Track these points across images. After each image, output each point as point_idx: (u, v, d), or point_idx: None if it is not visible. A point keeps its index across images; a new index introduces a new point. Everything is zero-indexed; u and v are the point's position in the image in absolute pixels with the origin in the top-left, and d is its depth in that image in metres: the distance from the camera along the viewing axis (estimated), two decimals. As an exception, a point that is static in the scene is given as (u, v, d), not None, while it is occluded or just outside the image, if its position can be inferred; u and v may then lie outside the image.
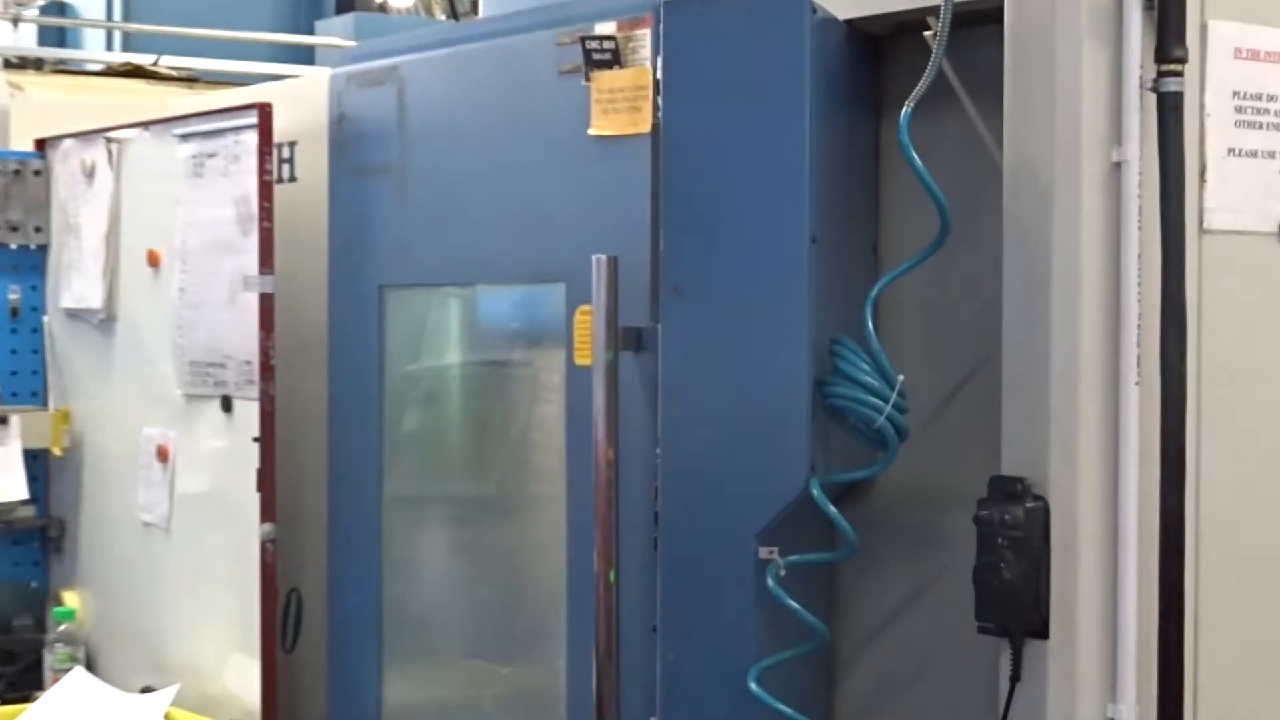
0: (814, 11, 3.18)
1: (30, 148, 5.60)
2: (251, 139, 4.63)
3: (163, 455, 5.06)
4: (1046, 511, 3.02)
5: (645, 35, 3.68)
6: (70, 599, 5.43)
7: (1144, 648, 3.01)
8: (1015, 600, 3.02)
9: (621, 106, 3.76)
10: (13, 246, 5.51)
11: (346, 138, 4.57)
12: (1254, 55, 3.14)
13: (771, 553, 3.16)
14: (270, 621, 4.65)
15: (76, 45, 7.64)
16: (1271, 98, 3.16)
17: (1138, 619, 3.01)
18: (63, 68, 7.11)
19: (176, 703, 4.84)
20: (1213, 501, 3.10)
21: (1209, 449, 3.09)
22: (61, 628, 5.32)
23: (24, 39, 7.73)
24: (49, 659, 5.28)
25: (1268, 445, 3.20)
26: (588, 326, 3.68)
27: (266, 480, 4.61)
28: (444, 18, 9.07)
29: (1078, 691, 3.02)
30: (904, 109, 3.11)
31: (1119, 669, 3.01)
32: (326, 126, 4.62)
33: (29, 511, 5.45)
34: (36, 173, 5.54)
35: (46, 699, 4.94)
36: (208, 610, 4.93)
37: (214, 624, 4.91)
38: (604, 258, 3.61)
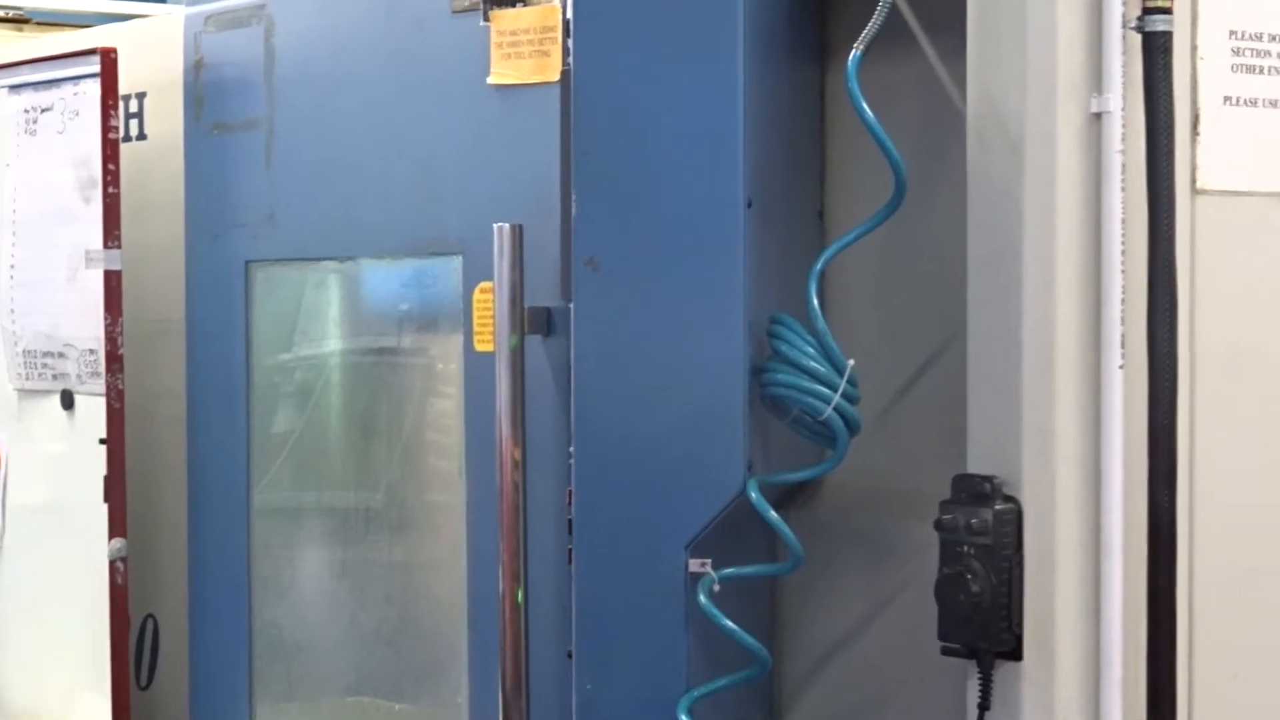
0: (748, -60, 3.20)
1: None
2: (94, 89, 4.62)
3: (-9, 461, 5.05)
4: (1019, 515, 3.03)
5: (552, -32, 3.71)
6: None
7: (1130, 670, 3.03)
8: (984, 617, 3.02)
9: (526, 51, 3.76)
10: None
11: (205, 88, 4.56)
12: (1250, -9, 3.18)
13: (704, 565, 3.16)
14: (122, 653, 4.63)
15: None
16: (1274, 38, 3.19)
17: (1123, 637, 3.02)
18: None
19: (13, 750, 4.86)
20: (1209, 502, 3.12)
21: (1204, 442, 3.11)
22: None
23: None
24: None
25: (1273, 437, 3.23)
26: (489, 306, 3.68)
27: (115, 489, 4.60)
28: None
29: (1058, 710, 3.03)
30: (853, 52, 3.11)
31: (1102, 695, 3.02)
32: (182, 75, 4.61)
33: None
34: None
35: None
36: (48, 641, 4.91)
37: (56, 658, 4.89)
38: (506, 226, 3.61)
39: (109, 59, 4.60)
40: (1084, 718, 3.04)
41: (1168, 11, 3.00)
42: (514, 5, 3.76)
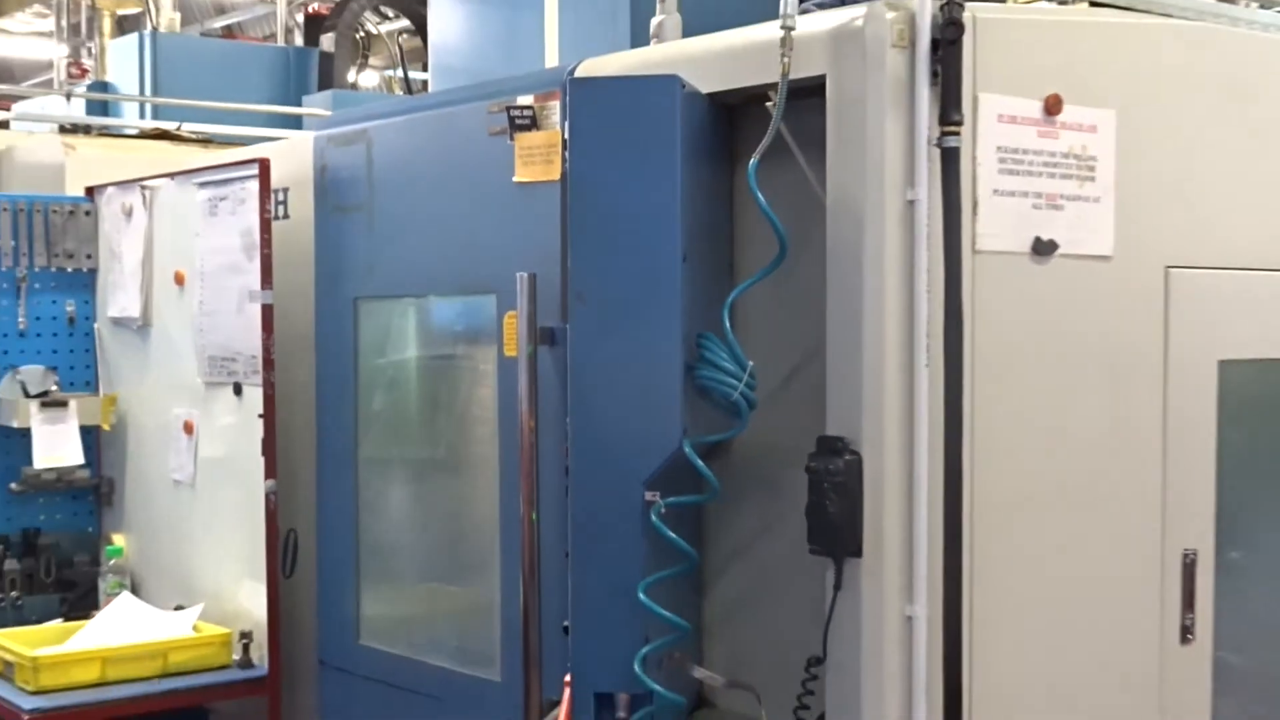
0: (683, 87, 3.17)
1: (81, 194, 5.57)
2: (254, 186, 4.59)
3: (188, 429, 5.02)
4: (860, 463, 3.02)
5: (555, 105, 3.68)
6: (118, 540, 5.38)
7: (933, 563, 3.03)
8: (837, 530, 3.02)
9: (538, 159, 3.75)
10: (69, 270, 5.48)
11: (327, 184, 4.53)
12: (1012, 120, 3.16)
13: (654, 496, 3.14)
14: (274, 554, 4.62)
15: (116, 114, 7.50)
16: (1024, 151, 3.18)
17: (928, 540, 3.02)
18: (106, 132, 6.99)
19: (202, 618, 4.82)
20: (985, 455, 3.12)
21: (981, 416, 3.10)
22: (112, 562, 5.30)
23: (75, 110, 7.60)
24: (102, 586, 5.25)
25: (1024, 413, 3.22)
26: (513, 327, 3.66)
27: (269, 447, 4.58)
28: (401, 93, 9.00)
29: (884, 597, 3.03)
30: (752, 160, 3.11)
31: (915, 579, 3.02)
32: (312, 176, 4.59)
33: (85, 474, 5.39)
34: (87, 213, 5.50)
35: (101, 617, 4.91)
36: (225, 547, 4.89)
37: (230, 557, 4.86)
38: (525, 274, 3.59)
39: (265, 167, 4.57)
40: (902, 593, 3.03)
41: (957, 134, 3.01)
42: (530, 130, 3.74)
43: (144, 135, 6.88)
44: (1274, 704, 3.79)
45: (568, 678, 3.25)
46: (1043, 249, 3.20)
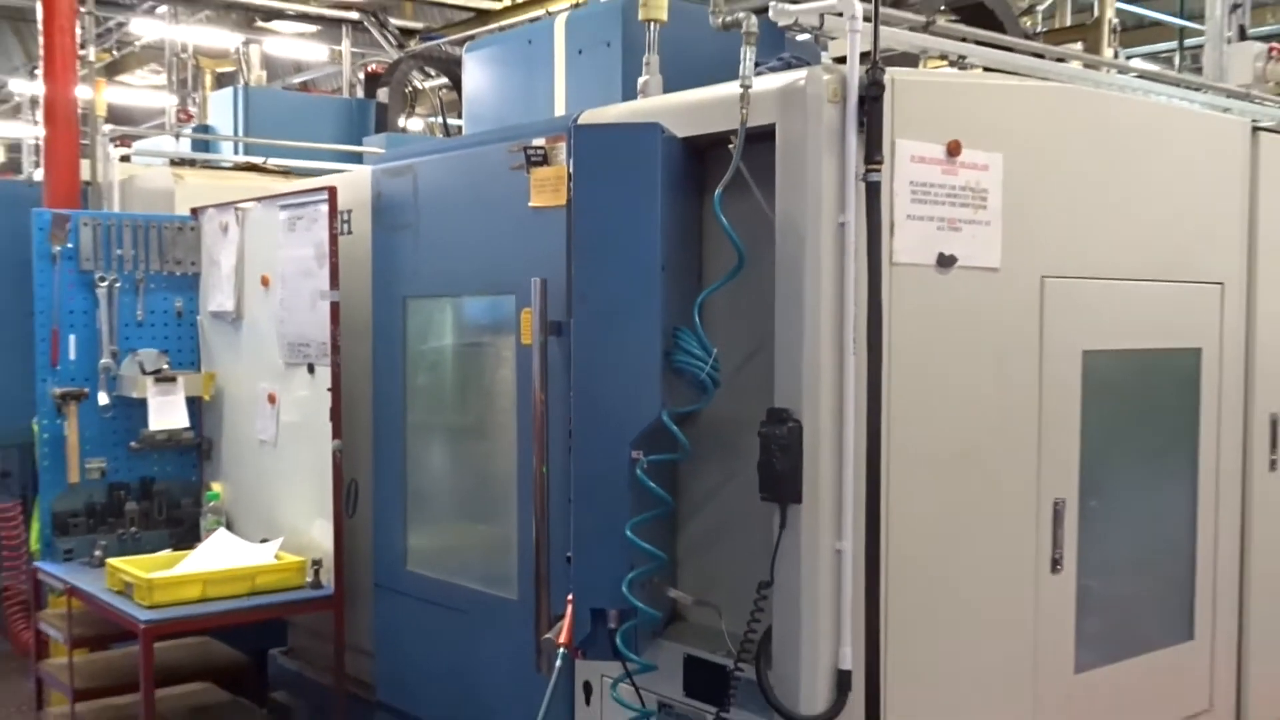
0: (663, 133, 3.16)
1: (188, 214, 5.55)
2: (324, 208, 4.58)
3: (271, 400, 5.01)
4: (800, 429, 3.02)
5: (562, 146, 3.68)
6: (215, 487, 5.38)
7: (857, 508, 3.04)
8: (782, 481, 3.02)
9: (549, 188, 3.75)
10: (178, 274, 5.47)
11: (382, 207, 4.52)
12: (921, 160, 3.16)
13: (639, 455, 3.13)
14: (339, 499, 4.63)
15: (215, 151, 7.48)
16: (930, 185, 3.18)
17: (854, 491, 3.03)
18: (207, 165, 6.96)
19: (282, 549, 4.82)
20: (898, 423, 3.12)
21: (895, 393, 3.10)
22: (210, 504, 5.30)
23: (183, 147, 7.57)
24: (203, 524, 5.25)
25: (930, 391, 3.22)
26: (529, 321, 3.67)
27: (335, 414, 4.58)
28: (441, 135, 8.97)
29: (819, 534, 3.03)
30: (716, 190, 3.12)
31: (843, 520, 3.03)
32: (370, 201, 4.57)
33: (189, 434, 5.39)
34: (192, 229, 5.48)
35: (202, 548, 4.91)
36: (300, 492, 4.89)
37: (304, 500, 4.86)
38: (539, 279, 3.60)
39: (333, 193, 4.57)
40: (832, 531, 3.04)
41: (879, 171, 3.01)
42: (542, 165, 3.74)
43: (237, 167, 6.85)
44: (1122, 617, 3.82)
45: (570, 597, 3.25)
46: (945, 262, 3.20)
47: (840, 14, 3.08)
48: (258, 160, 6.84)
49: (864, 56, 3.02)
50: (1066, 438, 3.52)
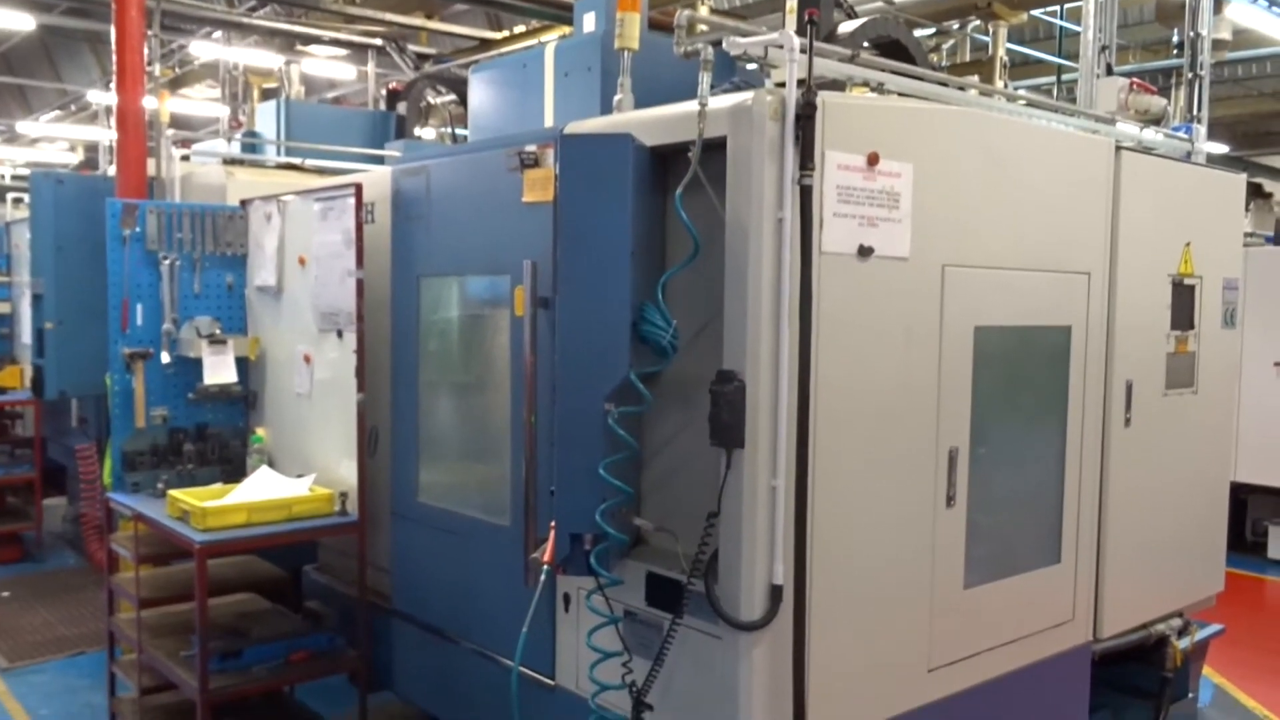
0: (633, 142, 3.15)
1: (237, 205, 5.45)
2: (351, 202, 4.52)
3: (307, 360, 4.97)
4: (744, 388, 3.02)
5: (550, 152, 3.65)
6: (260, 432, 5.32)
7: (789, 453, 3.04)
8: (729, 430, 3.03)
9: (539, 187, 3.72)
10: (229, 255, 5.38)
11: (400, 201, 4.47)
12: (846, 168, 3.15)
13: (610, 407, 3.14)
14: (362, 442, 4.59)
15: (261, 152, 7.38)
16: (853, 188, 3.17)
17: (786, 439, 3.03)
18: (254, 164, 6.87)
19: (315, 483, 4.79)
20: (824, 385, 3.12)
21: (822, 360, 3.11)
22: (255, 446, 5.24)
23: (233, 149, 7.47)
24: (249, 462, 5.20)
25: (850, 358, 3.22)
26: (521, 296, 3.64)
27: (360, 372, 4.54)
28: (450, 142, 8.89)
29: (758, 473, 3.04)
30: (677, 190, 3.10)
31: (777, 461, 3.03)
32: (390, 195, 4.52)
33: (238, 388, 5.32)
34: (241, 217, 5.39)
35: (248, 482, 4.87)
36: (330, 437, 4.85)
37: (333, 443, 4.83)
38: (530, 261, 3.58)
39: (359, 189, 4.51)
40: (769, 471, 3.04)
41: (811, 176, 3.00)
42: (534, 167, 3.71)
43: (279, 167, 6.77)
44: (1004, 546, 3.86)
45: (553, 523, 3.26)
46: (864, 252, 3.20)
47: (781, 47, 3.06)
48: (296, 161, 6.76)
49: (800, 82, 3.01)
50: (961, 397, 3.54)
